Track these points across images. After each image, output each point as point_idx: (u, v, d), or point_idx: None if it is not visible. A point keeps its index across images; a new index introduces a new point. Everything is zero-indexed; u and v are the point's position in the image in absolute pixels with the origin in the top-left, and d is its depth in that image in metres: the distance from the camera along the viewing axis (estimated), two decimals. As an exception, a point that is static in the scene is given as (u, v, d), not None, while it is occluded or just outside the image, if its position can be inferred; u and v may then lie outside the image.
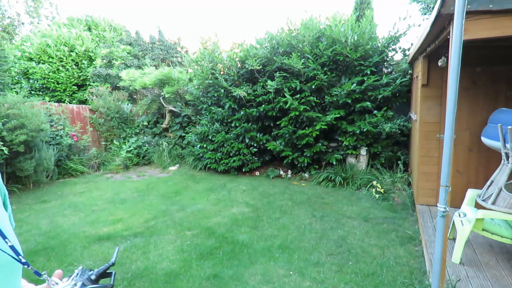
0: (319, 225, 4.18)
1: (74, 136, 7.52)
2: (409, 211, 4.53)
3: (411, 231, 3.87)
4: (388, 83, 5.82)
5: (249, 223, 4.30)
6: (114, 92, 8.89)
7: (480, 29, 2.23)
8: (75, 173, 7.19)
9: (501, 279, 2.69)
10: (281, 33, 6.43)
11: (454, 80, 1.92)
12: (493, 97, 4.00)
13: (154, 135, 8.73)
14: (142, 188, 6.10)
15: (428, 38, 3.21)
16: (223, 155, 6.79)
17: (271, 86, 6.10)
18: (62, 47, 10.24)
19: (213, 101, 7.15)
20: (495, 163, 3.35)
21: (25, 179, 6.12)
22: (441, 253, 2.15)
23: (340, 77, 6.18)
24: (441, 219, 2.09)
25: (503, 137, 2.81)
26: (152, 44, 10.60)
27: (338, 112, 6.00)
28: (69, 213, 4.88)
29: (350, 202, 5.01)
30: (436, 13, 2.38)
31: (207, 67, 6.89)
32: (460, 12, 1.82)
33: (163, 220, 4.47)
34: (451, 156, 2.00)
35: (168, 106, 8.34)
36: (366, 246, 3.58)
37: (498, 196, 2.76)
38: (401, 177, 5.24)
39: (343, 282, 2.91)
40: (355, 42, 5.86)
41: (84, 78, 10.55)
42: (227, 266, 3.23)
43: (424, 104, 4.31)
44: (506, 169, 2.85)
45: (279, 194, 5.54)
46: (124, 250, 3.61)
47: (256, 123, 6.75)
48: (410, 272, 3.02)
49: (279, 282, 2.95)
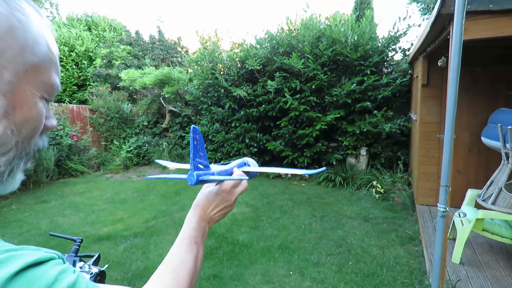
0: (319, 225, 4.18)
1: (74, 136, 7.52)
2: (409, 211, 4.53)
3: (411, 231, 3.87)
4: (388, 83, 5.82)
5: (249, 223, 4.30)
6: (114, 92, 8.88)
7: (480, 29, 2.23)
8: (75, 173, 7.19)
9: (501, 279, 2.69)
10: (281, 33, 6.43)
11: (454, 80, 1.92)
12: (493, 97, 4.00)
13: (154, 135, 8.73)
14: (142, 188, 6.10)
15: (428, 38, 3.22)
16: (223, 155, 6.79)
17: (271, 86, 6.10)
18: (62, 47, 10.24)
19: (213, 101, 7.14)
20: (495, 163, 3.35)
21: (25, 179, 6.11)
22: (441, 253, 2.15)
23: (340, 77, 6.18)
24: (441, 219, 2.09)
25: (503, 137, 2.81)
26: (152, 44, 10.61)
27: (338, 112, 6.00)
28: (69, 213, 4.88)
29: (350, 202, 5.01)
30: (436, 13, 2.38)
31: (207, 67, 6.89)
32: (460, 12, 1.82)
33: (163, 220, 4.47)
34: (451, 156, 2.00)
35: (168, 106, 8.34)
36: (366, 246, 3.58)
37: (498, 196, 2.76)
38: (401, 177, 5.24)
39: (343, 282, 2.91)
40: (355, 42, 5.86)
41: (84, 78, 10.55)
42: (227, 266, 3.23)
43: (424, 104, 4.31)
44: (506, 169, 2.85)
45: (279, 194, 5.54)
46: (124, 250, 3.61)
47: (256, 123, 6.75)
48: (410, 272, 3.02)
49: (279, 282, 2.95)
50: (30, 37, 0.42)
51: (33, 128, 0.45)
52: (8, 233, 4.16)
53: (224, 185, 0.78)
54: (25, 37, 0.42)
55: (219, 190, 0.78)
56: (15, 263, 0.37)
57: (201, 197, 0.78)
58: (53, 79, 0.47)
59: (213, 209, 0.77)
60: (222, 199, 0.77)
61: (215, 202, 0.77)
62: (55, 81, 0.47)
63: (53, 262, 0.42)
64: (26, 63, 0.42)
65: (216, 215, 0.78)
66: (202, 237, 0.72)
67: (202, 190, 0.80)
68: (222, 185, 0.78)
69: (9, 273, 0.36)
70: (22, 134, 0.43)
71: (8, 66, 0.40)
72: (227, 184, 0.78)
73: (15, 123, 0.41)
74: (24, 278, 0.37)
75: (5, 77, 0.40)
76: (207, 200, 0.77)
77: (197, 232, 0.71)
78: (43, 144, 0.47)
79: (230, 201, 0.79)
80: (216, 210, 0.77)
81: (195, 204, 0.77)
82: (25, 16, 0.42)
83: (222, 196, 0.77)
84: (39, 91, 0.44)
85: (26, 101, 0.43)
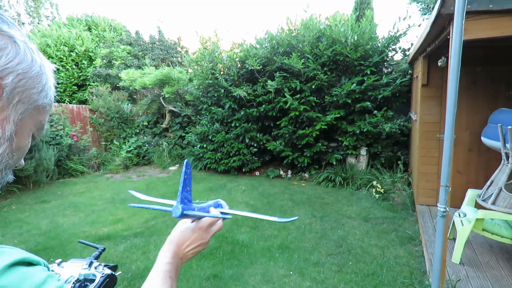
0: (319, 225, 4.18)
1: (74, 136, 7.52)
2: (409, 211, 4.53)
3: (411, 231, 3.87)
4: (388, 83, 5.82)
5: (249, 223, 4.30)
6: (114, 92, 8.88)
7: (480, 29, 2.23)
8: (75, 173, 7.19)
9: (501, 279, 2.69)
10: (281, 33, 6.43)
11: (454, 80, 1.92)
12: (493, 97, 4.00)
13: (154, 135, 8.73)
14: (142, 188, 6.10)
15: (428, 38, 3.21)
16: (223, 155, 6.79)
17: (271, 86, 6.10)
18: (62, 47, 10.24)
19: (213, 101, 7.14)
20: (495, 163, 3.35)
21: (25, 179, 6.12)
22: (441, 253, 2.15)
23: (340, 77, 6.18)
24: (441, 219, 2.09)
25: (503, 137, 2.81)
26: (152, 44, 10.60)
27: (338, 112, 6.00)
28: (69, 213, 4.88)
29: (350, 202, 5.01)
30: (436, 13, 2.38)
31: (207, 67, 6.89)
32: (460, 12, 1.82)
33: (163, 220, 4.46)
34: (451, 156, 2.00)
35: (168, 106, 8.34)
36: (366, 246, 3.58)
37: (498, 196, 2.76)
38: (401, 177, 5.24)
39: (343, 282, 2.91)
40: (355, 42, 5.86)
41: (84, 78, 10.54)
42: (227, 266, 3.23)
43: (424, 104, 4.31)
44: (506, 169, 2.85)
45: (279, 194, 5.54)
46: (124, 250, 3.61)
47: (256, 123, 6.75)
48: (410, 272, 3.02)
49: (279, 282, 2.95)
50: (47, 82, 0.52)
51: (19, 157, 0.52)
52: (8, 233, 4.16)
53: (202, 223, 0.79)
54: (45, 83, 0.51)
55: (196, 227, 0.79)
56: (8, 257, 0.42)
57: (176, 233, 0.80)
58: (46, 120, 0.56)
59: (188, 245, 0.78)
60: (198, 236, 0.79)
61: (191, 239, 0.79)
62: (45, 123, 0.56)
63: (42, 267, 0.48)
64: (38, 103, 0.50)
65: (190, 252, 0.79)
66: (175, 272, 0.74)
67: (178, 226, 0.82)
68: (199, 222, 0.79)
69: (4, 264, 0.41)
70: (13, 158, 0.50)
71: (27, 102, 0.48)
72: (204, 221, 0.79)
73: (12, 147, 0.48)
74: (19, 272, 0.42)
75: (20, 110, 0.48)
76: (182, 237, 0.78)
77: (171, 267, 0.72)
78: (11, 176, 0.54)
79: (205, 239, 0.80)
80: (190, 247, 0.79)
81: (170, 240, 0.78)
82: (45, 63, 0.52)
83: (198, 234, 0.79)
84: (35, 128, 0.53)
85: (25, 133, 0.50)
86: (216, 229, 0.82)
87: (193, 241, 0.79)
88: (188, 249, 0.78)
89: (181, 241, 0.78)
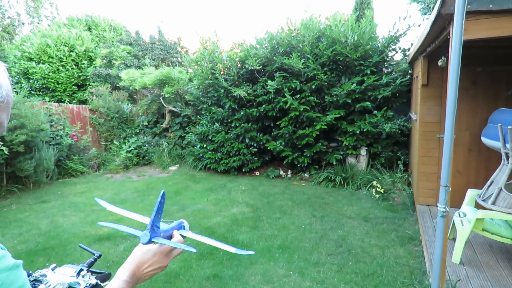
0: (319, 225, 4.18)
1: (74, 136, 7.52)
2: (409, 211, 4.53)
3: (411, 231, 3.87)
4: (388, 83, 5.82)
5: (249, 223, 4.30)
6: (114, 92, 8.88)
7: (480, 29, 2.23)
8: (75, 173, 7.19)
9: (501, 279, 2.69)
10: (281, 33, 6.43)
11: (454, 80, 1.92)
12: (493, 97, 4.00)
13: (154, 135, 8.73)
14: (142, 188, 6.10)
15: (428, 38, 3.21)
16: (223, 155, 6.79)
17: (271, 86, 6.10)
18: (62, 47, 10.24)
19: (213, 101, 7.14)
20: (495, 163, 3.35)
21: (25, 179, 6.12)
22: (441, 253, 2.15)
23: (340, 77, 6.18)
24: (441, 219, 2.09)
25: (503, 137, 2.81)
26: (152, 44, 10.60)
27: (338, 112, 6.00)
28: (69, 213, 4.88)
29: (350, 202, 5.01)
30: (436, 13, 2.38)
31: (207, 67, 6.89)
32: (460, 12, 1.82)
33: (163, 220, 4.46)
34: (451, 156, 2.00)
35: (168, 106, 8.34)
36: (366, 246, 3.58)
37: (498, 196, 2.76)
38: (401, 177, 5.24)
39: (343, 282, 2.91)
40: (355, 42, 5.86)
41: (84, 78, 10.54)
42: (227, 266, 3.23)
43: (424, 104, 4.31)
44: (506, 169, 2.85)
45: (279, 194, 5.54)
46: (124, 250, 3.61)
47: (256, 123, 6.75)
48: (410, 272, 3.02)
49: (279, 282, 2.95)
50: None
51: None
52: (8, 233, 4.16)
53: (163, 247, 0.83)
54: None
55: (158, 251, 0.82)
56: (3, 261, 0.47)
57: (138, 254, 0.82)
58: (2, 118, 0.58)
59: (147, 267, 0.81)
60: (158, 260, 0.82)
61: (150, 262, 0.81)
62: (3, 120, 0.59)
63: (21, 268, 0.51)
64: None
65: (148, 274, 0.81)
66: None
67: (140, 247, 0.84)
68: (161, 246, 0.83)
69: None
70: None
71: None
72: (166, 246, 0.83)
73: None
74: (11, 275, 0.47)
75: None
76: (143, 258, 0.81)
77: (127, 286, 0.75)
78: None
79: (164, 264, 0.83)
80: (149, 269, 0.81)
81: (131, 261, 0.81)
82: None
83: (158, 257, 0.82)
84: None
85: None
86: (176, 254, 0.86)
87: (153, 263, 0.81)
88: (147, 271, 0.81)
89: (141, 262, 0.80)
